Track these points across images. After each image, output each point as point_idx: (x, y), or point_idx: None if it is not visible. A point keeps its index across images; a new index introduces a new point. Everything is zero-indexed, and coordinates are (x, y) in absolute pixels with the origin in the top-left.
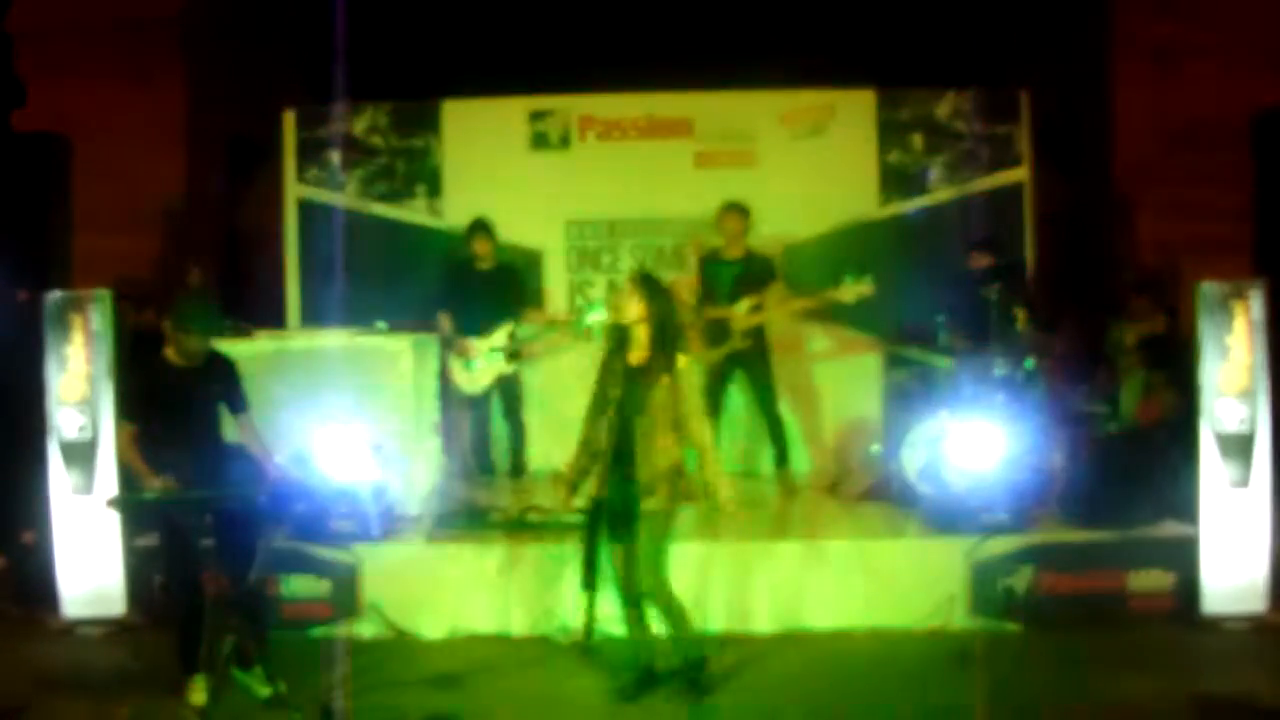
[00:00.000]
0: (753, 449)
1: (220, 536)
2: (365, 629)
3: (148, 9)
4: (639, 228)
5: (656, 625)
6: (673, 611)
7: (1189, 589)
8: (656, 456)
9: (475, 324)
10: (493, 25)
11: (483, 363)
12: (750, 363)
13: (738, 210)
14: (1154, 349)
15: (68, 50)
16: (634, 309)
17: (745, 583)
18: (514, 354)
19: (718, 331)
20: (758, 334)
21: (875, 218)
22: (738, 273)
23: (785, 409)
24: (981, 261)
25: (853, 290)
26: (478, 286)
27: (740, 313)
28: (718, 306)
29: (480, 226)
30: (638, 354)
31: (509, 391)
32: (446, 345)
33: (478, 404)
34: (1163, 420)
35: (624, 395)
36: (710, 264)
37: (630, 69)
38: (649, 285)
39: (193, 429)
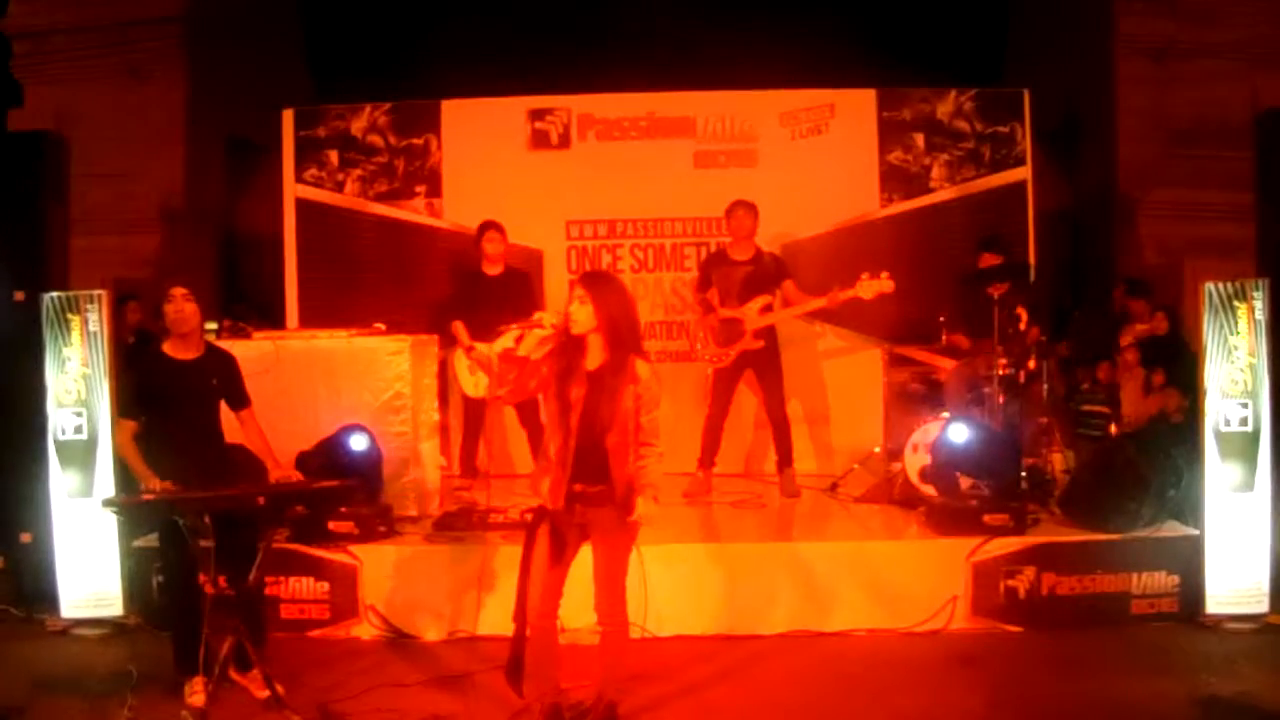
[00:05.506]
0: (756, 450)
1: (219, 537)
2: (365, 629)
3: (148, 9)
4: (639, 228)
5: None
6: (619, 640)
7: (1192, 590)
8: (620, 466)
9: (486, 330)
10: (493, 25)
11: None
12: (761, 363)
13: (748, 207)
14: (1154, 349)
15: (67, 50)
16: (584, 318)
17: (746, 584)
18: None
19: (729, 332)
20: (769, 334)
21: (876, 217)
22: (749, 272)
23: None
24: (992, 260)
25: (872, 288)
26: (488, 293)
27: (752, 313)
28: (728, 306)
29: (490, 226)
30: (595, 359)
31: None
32: (468, 351)
33: (479, 407)
34: (1164, 420)
35: (586, 400)
36: (719, 263)
37: (630, 69)
38: (595, 286)
39: (191, 425)
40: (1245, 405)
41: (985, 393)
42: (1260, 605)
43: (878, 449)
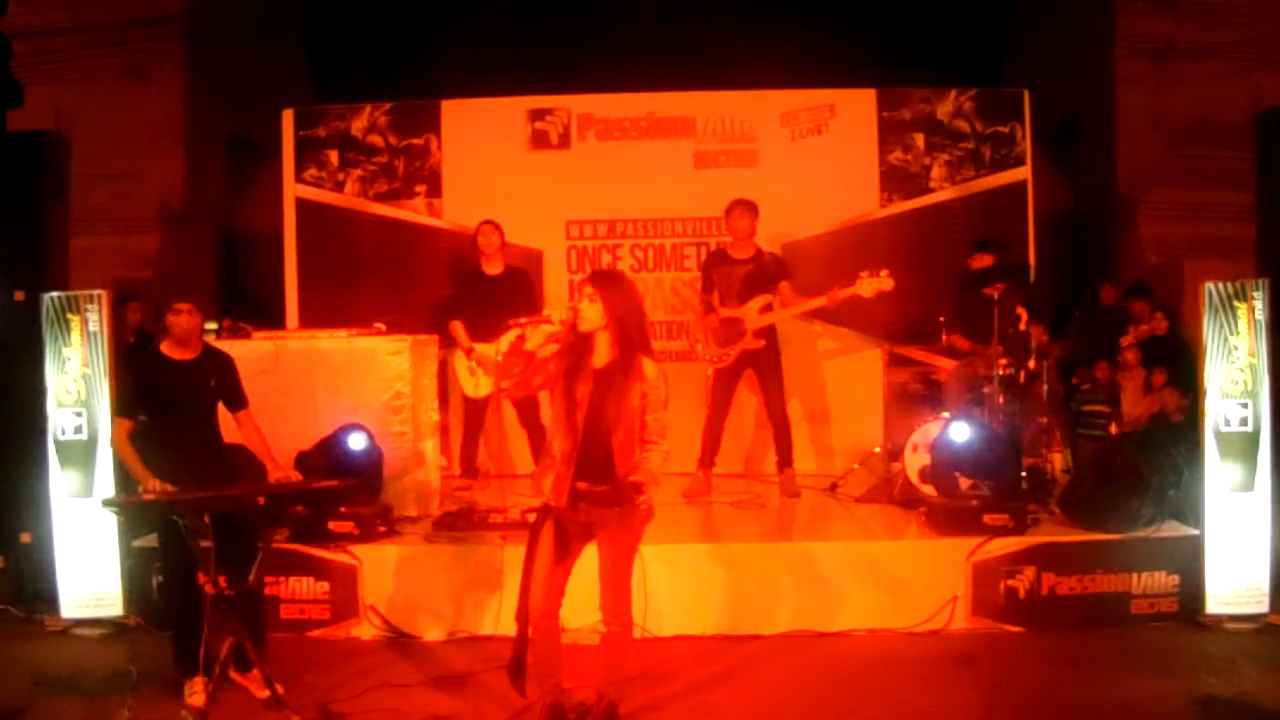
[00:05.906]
0: (756, 450)
1: (219, 537)
2: (365, 629)
3: (148, 9)
4: (639, 228)
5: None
6: (622, 640)
7: (1192, 590)
8: (625, 465)
9: (486, 330)
10: (493, 25)
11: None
12: (762, 363)
13: (748, 206)
14: (1154, 349)
15: (67, 50)
16: (594, 316)
17: (746, 584)
18: None
19: (729, 331)
20: (769, 334)
21: (876, 217)
22: (749, 271)
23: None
24: (984, 261)
25: (871, 286)
26: (488, 292)
27: (753, 312)
28: (728, 306)
29: (485, 222)
30: (603, 357)
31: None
32: (468, 354)
33: (479, 408)
34: (1164, 420)
35: (592, 398)
36: (720, 262)
37: (630, 69)
38: (605, 284)
39: (189, 425)
40: (1245, 405)
41: (985, 393)
42: (1260, 605)
43: (878, 449)
